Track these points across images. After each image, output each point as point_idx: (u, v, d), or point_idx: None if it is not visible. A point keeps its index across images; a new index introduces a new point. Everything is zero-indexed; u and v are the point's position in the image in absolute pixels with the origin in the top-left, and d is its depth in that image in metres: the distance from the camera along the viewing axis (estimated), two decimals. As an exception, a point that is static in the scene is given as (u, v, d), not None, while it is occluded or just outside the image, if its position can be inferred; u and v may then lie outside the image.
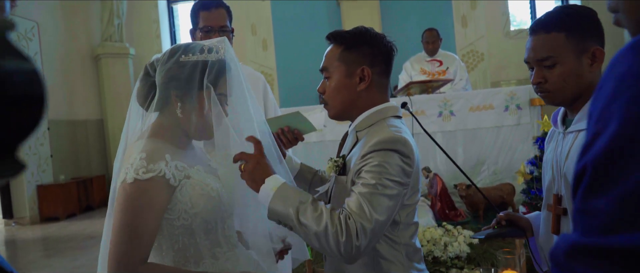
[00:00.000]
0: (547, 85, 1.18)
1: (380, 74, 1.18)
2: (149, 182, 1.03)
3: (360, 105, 1.18)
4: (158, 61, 1.15)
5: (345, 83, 1.16)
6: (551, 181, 1.26)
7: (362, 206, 0.99)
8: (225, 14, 1.83)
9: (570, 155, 1.15)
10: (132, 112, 1.21)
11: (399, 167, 1.04)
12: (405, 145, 1.06)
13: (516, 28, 7.92)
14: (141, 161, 1.04)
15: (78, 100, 7.89)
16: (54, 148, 7.25)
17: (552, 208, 1.23)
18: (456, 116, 3.73)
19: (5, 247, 5.60)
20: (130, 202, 1.03)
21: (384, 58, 1.19)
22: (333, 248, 0.97)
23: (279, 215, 1.03)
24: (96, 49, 8.13)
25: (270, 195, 1.03)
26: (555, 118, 1.30)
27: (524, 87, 3.75)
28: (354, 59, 1.16)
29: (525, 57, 1.22)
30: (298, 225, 1.00)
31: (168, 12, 8.72)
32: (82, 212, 7.26)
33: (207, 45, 1.14)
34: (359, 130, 1.17)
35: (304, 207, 1.00)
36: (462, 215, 3.29)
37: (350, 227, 0.97)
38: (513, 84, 7.04)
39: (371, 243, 1.00)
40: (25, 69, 0.35)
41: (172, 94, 1.11)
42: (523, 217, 1.40)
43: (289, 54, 7.70)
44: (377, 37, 1.18)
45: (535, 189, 2.82)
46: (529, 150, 3.57)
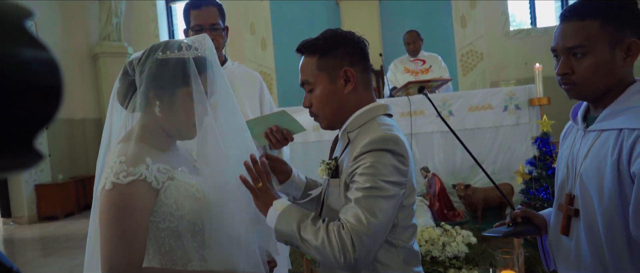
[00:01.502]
0: (574, 77, 1.09)
1: (362, 71, 1.16)
2: (129, 186, 1.01)
3: (350, 107, 1.15)
4: (137, 59, 1.12)
5: (331, 89, 1.14)
6: (564, 180, 1.20)
7: (358, 215, 0.98)
8: (216, 11, 1.81)
9: (590, 155, 1.08)
10: (114, 112, 1.18)
11: (393, 167, 1.02)
12: (397, 143, 1.04)
13: (516, 28, 7.92)
14: (121, 165, 1.01)
15: (76, 99, 7.87)
16: (52, 147, 7.23)
17: (563, 208, 1.18)
18: (455, 116, 3.73)
19: (3, 246, 5.58)
20: (114, 208, 1.01)
21: (361, 54, 1.16)
22: (333, 261, 0.98)
23: (284, 235, 1.05)
24: (94, 48, 8.10)
25: (276, 215, 1.06)
26: (575, 113, 1.22)
27: (523, 87, 3.75)
28: (333, 63, 1.13)
29: (552, 45, 1.12)
30: (301, 241, 1.02)
31: (166, 11, 8.71)
32: (80, 211, 7.24)
33: (186, 42, 1.11)
34: (350, 131, 1.14)
35: (304, 224, 1.02)
36: (460, 215, 3.28)
37: (344, 239, 0.96)
38: (512, 84, 7.03)
39: (372, 251, 0.99)
40: (44, 58, 0.35)
41: (150, 93, 1.08)
42: (538, 214, 1.34)
43: (288, 54, 7.61)
44: (348, 36, 1.16)
45: (534, 189, 2.82)
46: (528, 150, 3.57)
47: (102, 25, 8.07)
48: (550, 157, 2.79)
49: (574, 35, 1.07)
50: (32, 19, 0.35)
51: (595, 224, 1.08)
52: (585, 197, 1.11)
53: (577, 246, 1.15)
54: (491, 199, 3.26)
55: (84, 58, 8.12)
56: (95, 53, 8.09)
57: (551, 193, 2.71)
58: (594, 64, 1.05)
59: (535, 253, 2.58)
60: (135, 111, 1.13)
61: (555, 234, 1.25)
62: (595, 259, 1.09)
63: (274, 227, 1.06)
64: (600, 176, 1.05)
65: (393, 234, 1.09)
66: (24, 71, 0.33)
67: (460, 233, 2.71)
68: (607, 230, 1.05)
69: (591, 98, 1.13)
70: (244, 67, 2.08)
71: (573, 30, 1.07)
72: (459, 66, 7.77)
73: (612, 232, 1.04)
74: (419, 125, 3.72)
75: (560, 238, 1.21)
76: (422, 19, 7.39)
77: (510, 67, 7.68)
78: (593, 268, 1.10)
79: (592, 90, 1.09)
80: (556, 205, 1.25)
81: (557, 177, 1.27)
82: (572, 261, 1.17)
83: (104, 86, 8.09)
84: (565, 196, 1.18)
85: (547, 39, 7.62)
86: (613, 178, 1.02)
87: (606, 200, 1.04)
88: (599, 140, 1.08)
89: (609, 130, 1.06)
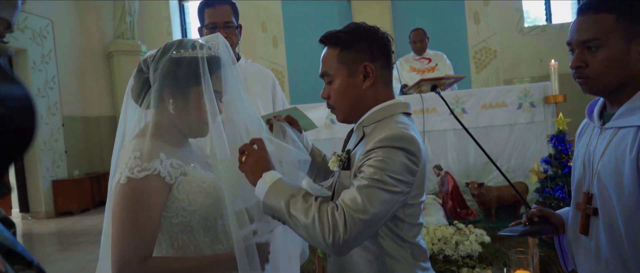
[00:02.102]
0: (588, 71, 1.08)
1: (382, 68, 1.14)
2: (144, 180, 1.02)
3: (368, 103, 1.14)
4: (152, 57, 1.13)
5: (350, 83, 1.13)
6: (581, 178, 1.18)
7: (356, 198, 0.97)
8: (229, 10, 1.83)
9: (608, 153, 1.07)
10: (129, 109, 1.20)
11: (404, 165, 1.00)
12: (412, 143, 1.03)
13: (530, 24, 7.81)
14: (135, 160, 1.03)
15: (91, 97, 7.99)
16: (68, 144, 7.36)
17: (582, 207, 1.16)
18: (468, 114, 3.69)
19: (22, 240, 5.70)
20: (127, 201, 1.02)
21: (383, 51, 1.14)
22: (320, 240, 0.95)
23: (272, 209, 1.02)
24: (109, 46, 8.21)
25: (266, 188, 1.03)
26: (591, 110, 1.20)
27: (538, 84, 3.70)
28: (353, 57, 1.12)
29: (567, 39, 1.13)
30: (288, 217, 0.99)
31: (179, 10, 8.78)
32: (95, 207, 7.36)
33: (200, 42, 1.12)
34: (365, 125, 1.13)
35: (294, 200, 0.99)
36: (473, 214, 3.26)
37: (337, 219, 0.94)
38: (526, 82, 6.94)
39: (362, 236, 0.97)
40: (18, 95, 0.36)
41: (164, 90, 1.09)
42: (556, 213, 1.33)
43: (299, 52, 7.69)
44: (371, 31, 1.14)
45: (549, 188, 2.78)
46: (543, 148, 3.52)
47: (116, 24, 8.17)
48: (566, 155, 2.75)
49: (588, 28, 1.06)
50: (7, 55, 0.36)
51: (615, 222, 1.06)
52: (603, 195, 1.09)
53: (596, 245, 1.13)
54: (505, 198, 3.23)
55: (98, 56, 8.23)
56: (110, 51, 8.20)
57: (567, 192, 2.67)
58: (607, 58, 1.05)
59: (551, 252, 2.55)
60: (149, 108, 1.15)
61: (573, 233, 1.23)
62: (616, 258, 1.07)
63: (263, 200, 1.03)
64: (618, 174, 1.04)
65: (401, 229, 1.08)
66: None
67: (473, 232, 2.68)
68: (628, 228, 1.03)
69: (605, 92, 1.11)
70: (256, 65, 2.09)
71: (587, 24, 1.07)
72: (471, 63, 7.70)
73: (632, 230, 1.02)
74: (432, 123, 3.69)
75: (579, 238, 1.19)
76: (434, 16, 7.33)
77: (524, 64, 7.58)
78: (614, 267, 1.08)
79: (605, 84, 1.08)
80: (573, 204, 1.23)
81: (573, 176, 1.25)
82: (591, 260, 1.15)
83: (118, 84, 8.19)
84: (583, 195, 1.16)
85: (563, 35, 7.48)
86: (632, 175, 1.00)
87: (626, 197, 1.02)
88: (617, 137, 1.06)
89: (627, 128, 1.04)
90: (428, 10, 7.46)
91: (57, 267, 4.20)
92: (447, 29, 7.32)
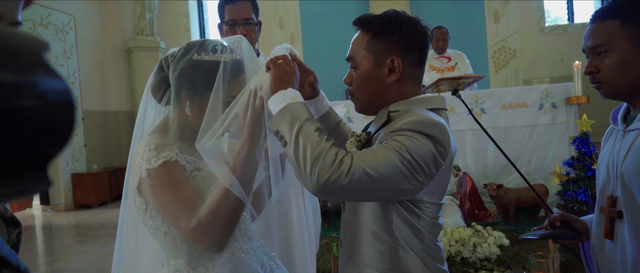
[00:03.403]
0: (599, 76, 1.13)
1: (412, 65, 1.05)
2: (162, 166, 1.02)
3: (389, 99, 1.05)
4: (173, 56, 1.12)
5: (373, 74, 1.04)
6: (605, 182, 1.18)
7: (369, 153, 0.88)
8: (250, 7, 1.82)
9: (630, 154, 1.08)
10: (149, 105, 1.19)
11: (430, 154, 0.90)
12: (443, 132, 0.92)
13: (551, 24, 7.67)
14: (150, 152, 1.03)
15: (110, 92, 8.12)
16: (88, 138, 7.49)
17: (606, 211, 1.15)
18: (487, 114, 3.64)
19: (41, 232, 5.83)
20: (156, 187, 1.02)
21: (417, 46, 1.05)
22: (313, 173, 0.86)
23: (279, 125, 0.95)
24: (128, 42, 8.33)
25: (284, 103, 0.96)
26: (615, 115, 1.23)
27: (560, 85, 3.62)
28: (383, 48, 1.03)
29: (582, 46, 1.18)
30: (293, 140, 0.91)
31: (198, 6, 8.85)
32: (112, 201, 7.48)
33: (221, 45, 1.10)
34: (392, 111, 1.03)
35: (308, 125, 0.92)
36: (492, 216, 3.21)
37: (343, 162, 0.85)
38: (546, 82, 6.83)
39: (357, 190, 0.86)
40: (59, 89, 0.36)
41: (181, 91, 1.09)
42: (579, 219, 1.31)
43: (316, 49, 7.69)
44: (410, 23, 1.05)
45: (572, 191, 2.72)
46: (564, 150, 3.45)
47: (136, 20, 8.28)
48: (590, 157, 2.68)
49: (597, 35, 1.12)
50: (48, 50, 0.36)
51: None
52: (628, 198, 1.08)
53: (622, 250, 1.11)
54: (524, 200, 3.17)
55: (118, 52, 8.35)
56: (129, 47, 8.32)
57: (590, 196, 2.61)
58: (615, 62, 1.09)
59: (572, 258, 2.50)
60: (167, 105, 1.15)
61: (598, 239, 1.20)
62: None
63: (276, 113, 0.96)
64: None
65: (419, 223, 1.00)
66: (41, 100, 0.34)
67: (492, 234, 2.65)
68: None
69: (622, 96, 1.14)
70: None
71: (596, 31, 1.13)
72: (490, 63, 7.59)
73: None
74: (450, 123, 3.64)
75: (604, 243, 1.17)
76: (452, 14, 7.25)
77: (544, 64, 7.45)
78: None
79: (618, 88, 1.12)
80: (598, 209, 1.21)
81: (598, 180, 1.24)
82: (617, 266, 1.13)
83: (137, 80, 8.31)
84: (607, 198, 1.15)
85: (585, 35, 7.34)
86: None
87: None
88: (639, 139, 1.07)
89: None
90: (447, 9, 7.38)
91: (76, 259, 4.28)
92: (465, 27, 7.24)
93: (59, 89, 0.35)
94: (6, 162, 0.33)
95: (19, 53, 0.34)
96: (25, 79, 0.33)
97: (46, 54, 0.35)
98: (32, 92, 0.33)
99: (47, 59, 0.35)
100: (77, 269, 3.98)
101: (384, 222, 1.00)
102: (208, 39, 1.15)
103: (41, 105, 0.34)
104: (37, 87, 0.34)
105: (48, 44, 0.36)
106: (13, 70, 0.33)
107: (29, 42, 0.35)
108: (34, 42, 0.35)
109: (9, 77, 0.32)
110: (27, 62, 0.34)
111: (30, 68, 0.34)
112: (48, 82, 0.35)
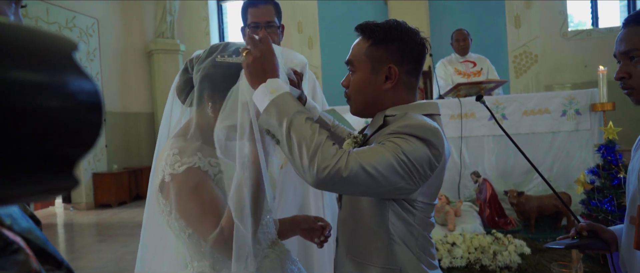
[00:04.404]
0: (631, 81, 1.10)
1: (408, 73, 1.09)
2: (185, 172, 1.03)
3: (384, 104, 1.10)
4: (197, 58, 1.14)
5: (370, 80, 1.09)
6: (636, 191, 1.15)
7: (366, 150, 0.91)
8: (272, 9, 1.84)
9: None
10: (175, 106, 1.21)
11: (426, 157, 0.94)
12: (436, 136, 0.96)
13: (574, 29, 7.51)
14: (174, 157, 1.04)
15: (131, 94, 8.27)
16: (109, 139, 7.64)
17: (637, 221, 1.11)
18: (508, 120, 3.58)
19: (63, 230, 5.95)
20: (180, 194, 1.03)
21: (415, 56, 1.09)
22: (306, 164, 0.88)
23: (269, 124, 0.96)
24: (149, 44, 8.48)
25: (268, 99, 0.95)
26: None
27: (585, 91, 3.54)
28: (381, 55, 1.07)
29: (614, 51, 1.15)
30: (286, 138, 0.92)
31: (217, 10, 8.96)
32: (132, 201, 7.60)
33: (245, 47, 1.10)
34: (388, 115, 1.08)
35: (299, 118, 0.92)
36: (512, 224, 3.15)
37: (342, 155, 0.88)
38: (568, 88, 6.68)
39: (354, 184, 0.89)
40: (89, 89, 0.36)
41: (204, 92, 1.10)
42: (608, 229, 1.27)
43: (334, 53, 7.69)
44: (409, 33, 1.08)
45: (596, 200, 2.64)
46: (588, 158, 3.36)
47: (157, 23, 8.43)
48: (616, 166, 2.60)
49: (630, 39, 1.09)
50: (77, 50, 0.36)
51: None
52: None
53: None
54: (545, 208, 3.10)
55: (139, 54, 8.50)
56: (150, 50, 8.46)
57: (616, 205, 2.53)
58: None
59: (596, 268, 2.43)
60: (191, 106, 1.16)
61: (628, 250, 1.16)
62: None
63: (262, 112, 0.96)
64: None
65: (411, 217, 1.04)
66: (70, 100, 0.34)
67: (512, 242, 2.59)
68: None
69: None
70: (297, 65, 2.09)
71: (629, 35, 1.10)
72: (511, 68, 7.48)
73: None
74: (470, 128, 3.60)
75: (634, 254, 1.13)
76: (473, 18, 7.17)
77: (566, 69, 7.30)
78: None
79: None
80: (628, 219, 1.17)
81: (628, 190, 1.21)
82: None
83: (157, 82, 8.44)
84: (638, 208, 1.11)
85: (610, 40, 7.16)
86: None
87: None
88: None
89: None
90: (466, 13, 7.31)
91: (96, 257, 4.35)
92: (485, 31, 7.15)
93: (88, 89, 0.35)
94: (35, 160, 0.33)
95: (49, 53, 0.34)
96: (55, 79, 0.33)
97: (76, 54, 0.36)
98: (61, 92, 0.34)
99: (77, 59, 0.36)
100: (97, 267, 4.04)
101: (381, 220, 1.04)
102: (232, 42, 1.16)
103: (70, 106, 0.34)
104: (67, 87, 0.34)
105: (77, 44, 0.36)
106: (43, 70, 0.33)
107: (59, 42, 0.35)
108: (64, 42, 0.36)
109: (39, 77, 0.33)
110: (57, 62, 0.34)
111: (60, 68, 0.34)
112: (77, 83, 0.35)
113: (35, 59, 0.33)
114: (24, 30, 0.34)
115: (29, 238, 0.48)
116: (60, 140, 0.34)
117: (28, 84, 0.32)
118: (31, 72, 0.32)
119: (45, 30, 0.36)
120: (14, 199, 0.36)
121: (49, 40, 0.35)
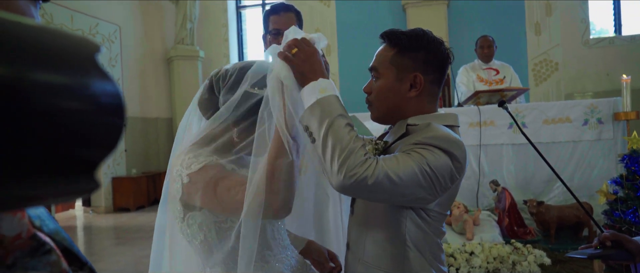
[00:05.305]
0: None
1: (432, 83, 1.10)
2: (202, 169, 1.03)
3: (407, 112, 1.10)
4: (224, 78, 1.12)
5: (394, 87, 1.09)
6: None
7: (392, 159, 0.92)
8: (294, 17, 1.86)
9: None
10: (195, 117, 1.20)
11: (448, 170, 0.95)
12: (460, 149, 0.98)
13: (596, 36, 7.36)
14: (190, 159, 1.05)
15: (151, 99, 8.40)
16: (128, 143, 7.76)
17: None
18: (528, 128, 3.51)
19: (82, 233, 6.06)
20: (202, 184, 1.03)
21: (439, 66, 1.10)
22: (336, 167, 0.90)
23: (310, 122, 0.96)
24: (169, 51, 8.62)
25: (314, 97, 0.97)
26: None
27: (607, 99, 3.46)
28: (407, 63, 1.08)
29: None
30: (322, 138, 0.93)
31: (236, 17, 9.06)
32: (150, 205, 7.70)
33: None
34: (410, 124, 1.08)
35: (340, 122, 0.94)
36: (531, 234, 3.08)
37: (371, 162, 0.90)
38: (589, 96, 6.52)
39: (378, 190, 0.90)
40: (111, 91, 0.36)
41: (230, 118, 1.10)
42: (632, 239, 1.24)
43: (352, 59, 7.69)
44: (434, 43, 1.10)
45: (620, 211, 2.57)
46: (610, 168, 3.28)
47: (177, 30, 8.57)
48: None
49: None
50: (100, 52, 0.36)
51: None
52: None
53: None
54: (566, 218, 3.03)
55: (159, 60, 8.65)
56: (170, 56, 8.60)
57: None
58: None
59: (619, 281, 2.36)
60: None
61: None
62: None
63: (306, 108, 0.98)
64: None
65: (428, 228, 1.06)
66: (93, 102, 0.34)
67: (532, 253, 2.54)
68: None
69: None
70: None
71: None
72: (530, 76, 7.36)
73: None
74: (489, 137, 3.55)
75: None
76: (492, 25, 7.08)
77: (588, 78, 7.15)
78: None
79: None
80: None
81: None
82: None
83: (177, 88, 8.56)
84: None
85: (634, 48, 7.00)
86: None
87: None
88: None
89: None
90: (486, 20, 7.23)
91: (114, 260, 4.41)
92: (505, 38, 7.04)
93: (110, 91, 0.36)
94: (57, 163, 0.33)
95: (72, 55, 0.35)
96: (77, 81, 0.34)
97: (98, 56, 0.36)
98: (83, 94, 0.34)
99: (100, 61, 0.36)
100: (116, 270, 4.10)
101: (397, 227, 1.05)
102: (257, 60, 1.14)
103: (92, 108, 0.34)
104: (89, 89, 0.34)
105: (100, 46, 0.37)
106: (66, 72, 0.34)
107: (82, 44, 0.36)
108: (87, 44, 0.36)
109: (62, 78, 0.33)
110: (80, 63, 0.35)
111: (83, 70, 0.35)
112: (100, 85, 0.35)
113: (58, 61, 0.34)
114: (48, 31, 0.34)
115: (56, 239, 0.49)
116: (81, 142, 0.34)
117: (50, 85, 0.32)
118: (54, 73, 0.33)
119: (68, 32, 0.36)
120: (37, 200, 0.37)
121: (72, 42, 0.35)
